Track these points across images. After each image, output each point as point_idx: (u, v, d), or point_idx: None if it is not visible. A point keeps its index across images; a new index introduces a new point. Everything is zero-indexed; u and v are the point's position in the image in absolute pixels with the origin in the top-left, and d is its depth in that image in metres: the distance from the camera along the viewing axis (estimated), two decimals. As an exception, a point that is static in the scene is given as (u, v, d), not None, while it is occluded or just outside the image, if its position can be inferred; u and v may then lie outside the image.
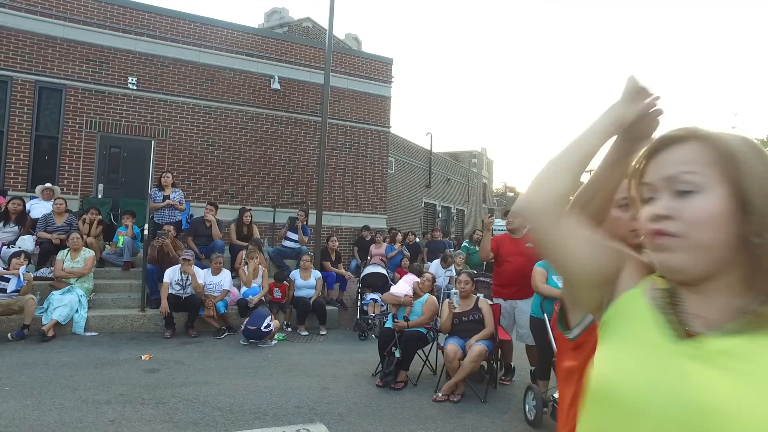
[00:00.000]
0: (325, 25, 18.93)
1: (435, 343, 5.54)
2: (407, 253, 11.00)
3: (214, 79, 10.90)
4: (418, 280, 5.57)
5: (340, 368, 5.57)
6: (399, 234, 11.43)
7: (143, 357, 5.43)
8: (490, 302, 5.24)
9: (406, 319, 5.25)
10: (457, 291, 5.04)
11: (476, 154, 36.62)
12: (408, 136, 21.14)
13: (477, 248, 10.79)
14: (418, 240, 12.60)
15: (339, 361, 5.88)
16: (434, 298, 5.55)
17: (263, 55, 11.39)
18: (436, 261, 9.97)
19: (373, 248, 10.70)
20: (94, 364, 5.11)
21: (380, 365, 5.40)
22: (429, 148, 24.68)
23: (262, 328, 6.16)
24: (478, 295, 5.36)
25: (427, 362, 5.49)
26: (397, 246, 10.92)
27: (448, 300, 5.11)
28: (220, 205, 9.02)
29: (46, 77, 9.46)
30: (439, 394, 4.72)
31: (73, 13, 9.69)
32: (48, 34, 9.48)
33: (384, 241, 11.03)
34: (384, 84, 12.99)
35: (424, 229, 20.67)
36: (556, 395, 4.22)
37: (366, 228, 11.42)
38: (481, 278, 6.36)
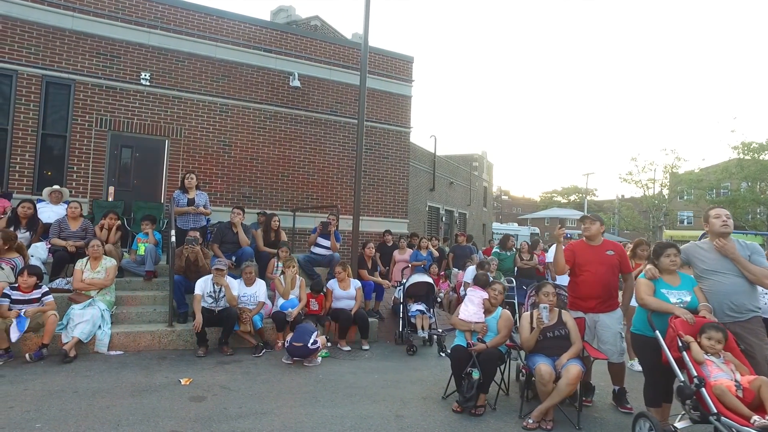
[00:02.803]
0: (334, 24, 18.39)
1: (510, 361, 4.99)
2: (436, 254, 10.45)
3: (231, 75, 10.29)
4: (486, 295, 4.98)
5: (403, 390, 4.98)
6: (424, 239, 10.89)
7: (182, 381, 4.79)
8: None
9: (481, 341, 4.68)
10: (546, 305, 4.48)
11: (477, 157, 36.33)
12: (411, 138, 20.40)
13: (508, 254, 10.32)
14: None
15: (398, 381, 5.29)
16: (509, 312, 4.99)
17: (282, 50, 10.80)
18: (471, 267, 9.43)
19: (396, 254, 10.12)
20: (129, 390, 4.46)
21: (449, 386, 4.86)
22: (433, 151, 24.28)
23: (308, 344, 5.55)
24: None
25: (503, 383, 4.93)
26: (424, 252, 10.38)
27: (536, 314, 4.56)
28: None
29: (54, 71, 8.78)
30: (530, 421, 4.16)
31: (83, 3, 9.04)
32: (56, 26, 8.82)
33: (409, 247, 10.49)
34: (404, 83, 12.46)
35: (427, 234, 20.15)
36: (677, 425, 3.70)
37: (388, 233, 10.83)
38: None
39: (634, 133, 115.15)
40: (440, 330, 5.21)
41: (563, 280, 9.99)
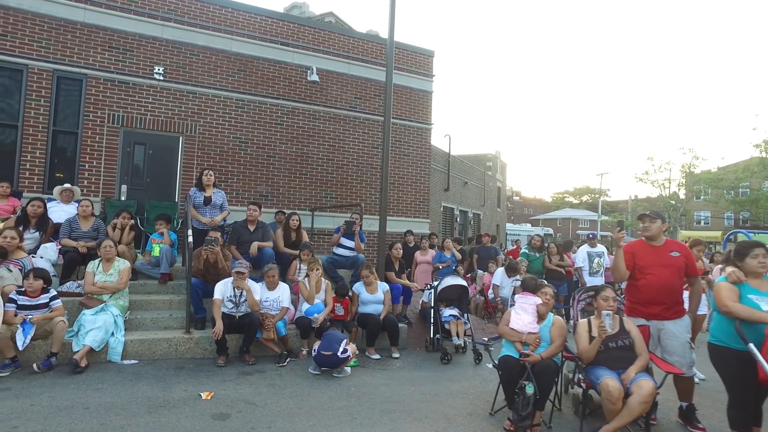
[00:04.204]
0: (348, 21, 17.99)
1: (562, 372, 4.51)
2: (459, 256, 9.96)
3: (247, 69, 9.89)
4: (539, 300, 4.49)
5: (445, 405, 4.51)
6: (448, 239, 10.39)
7: (203, 395, 4.35)
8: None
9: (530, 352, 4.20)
10: (610, 311, 3.99)
11: (491, 157, 35.79)
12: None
13: (537, 255, 9.79)
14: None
15: (437, 394, 4.81)
16: (561, 319, 4.50)
17: (299, 44, 10.39)
18: (501, 269, 8.94)
19: (418, 255, 9.62)
20: (146, 406, 4.03)
21: (496, 400, 4.40)
22: (447, 151, 23.83)
23: (338, 353, 5.09)
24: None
25: (556, 397, 4.44)
26: (447, 253, 9.88)
27: (595, 321, 4.07)
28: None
29: (65, 66, 8.44)
30: (596, 445, 3.68)
31: (95, -6, 8.69)
32: (67, 19, 8.48)
33: (430, 248, 10.01)
34: (425, 78, 11.99)
35: (443, 234, 19.65)
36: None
37: (409, 233, 10.36)
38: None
39: (649, 132, 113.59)
40: (485, 339, 4.73)
41: (593, 282, 9.52)
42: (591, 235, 10.36)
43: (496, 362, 4.34)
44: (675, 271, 4.36)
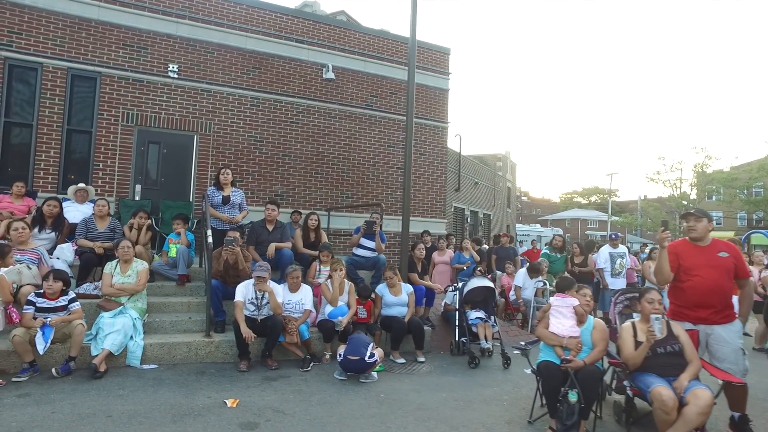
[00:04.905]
0: (360, 20, 17.80)
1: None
2: (477, 257, 9.73)
3: (262, 67, 9.74)
4: (576, 302, 4.27)
5: (480, 412, 4.29)
6: (466, 240, 10.17)
7: (228, 403, 4.16)
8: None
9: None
10: (658, 315, 3.76)
11: (501, 157, 35.50)
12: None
13: (559, 256, 9.55)
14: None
15: (470, 401, 4.60)
16: (602, 322, 4.27)
17: (315, 41, 10.22)
18: (522, 270, 8.71)
19: (435, 255, 9.43)
20: (170, 415, 3.85)
21: (534, 408, 4.18)
22: (458, 151, 23.59)
23: (365, 358, 4.89)
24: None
25: (599, 406, 4.21)
26: (466, 254, 9.65)
27: (639, 325, 3.85)
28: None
29: (80, 64, 8.32)
30: (649, 458, 3.45)
31: (109, -9, 8.57)
32: (82, 16, 8.37)
33: (447, 248, 9.80)
34: (441, 76, 11.79)
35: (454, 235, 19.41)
36: None
37: (426, 233, 10.15)
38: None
39: (660, 132, 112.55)
40: (522, 343, 4.51)
41: (616, 284, 9.24)
42: (613, 236, 10.11)
43: (534, 367, 4.14)
44: (723, 273, 4.12)
